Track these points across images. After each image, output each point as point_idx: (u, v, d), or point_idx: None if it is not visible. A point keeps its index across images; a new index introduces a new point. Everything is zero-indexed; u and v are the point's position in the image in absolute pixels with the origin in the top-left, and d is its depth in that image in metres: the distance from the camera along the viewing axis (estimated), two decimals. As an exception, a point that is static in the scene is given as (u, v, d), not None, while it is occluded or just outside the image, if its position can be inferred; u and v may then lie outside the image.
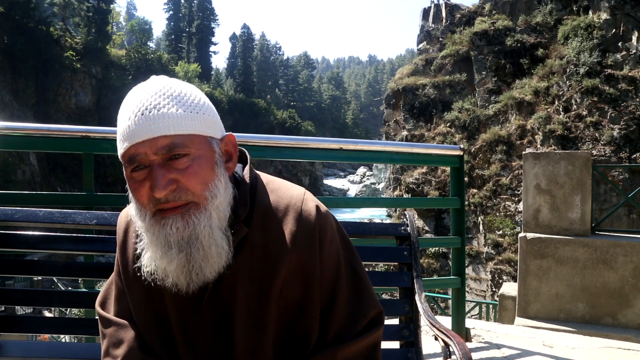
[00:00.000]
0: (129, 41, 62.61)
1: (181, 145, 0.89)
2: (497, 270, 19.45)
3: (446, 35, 27.38)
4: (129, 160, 0.90)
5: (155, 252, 0.93)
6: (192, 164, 0.90)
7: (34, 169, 32.21)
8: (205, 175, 0.91)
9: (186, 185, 0.90)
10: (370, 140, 3.45)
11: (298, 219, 1.00)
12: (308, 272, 1.00)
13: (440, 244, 8.06)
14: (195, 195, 0.90)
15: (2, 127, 2.18)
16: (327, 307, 1.01)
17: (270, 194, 1.03)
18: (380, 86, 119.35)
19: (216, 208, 0.92)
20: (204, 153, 0.92)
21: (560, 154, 4.30)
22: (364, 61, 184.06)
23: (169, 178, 0.89)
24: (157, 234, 0.92)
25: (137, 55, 44.02)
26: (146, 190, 0.90)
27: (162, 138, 0.88)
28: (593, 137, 18.77)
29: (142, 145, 0.88)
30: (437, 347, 2.52)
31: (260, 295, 0.98)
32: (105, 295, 1.13)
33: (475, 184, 21.96)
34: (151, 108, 0.89)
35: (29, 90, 35.23)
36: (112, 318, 1.07)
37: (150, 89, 0.93)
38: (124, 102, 0.94)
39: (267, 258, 0.98)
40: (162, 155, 0.89)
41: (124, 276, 1.06)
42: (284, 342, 1.00)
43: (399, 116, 27.46)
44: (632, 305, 3.90)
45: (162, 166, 0.89)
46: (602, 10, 20.77)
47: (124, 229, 1.09)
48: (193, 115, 0.92)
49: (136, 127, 0.89)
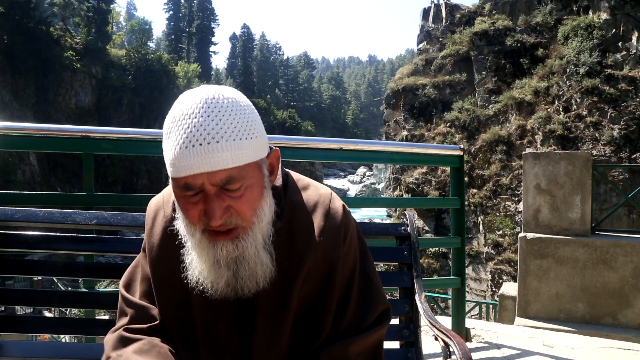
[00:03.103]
0: (129, 41, 62.54)
1: (238, 178, 0.91)
2: (497, 270, 19.45)
3: (446, 35, 27.38)
4: (184, 186, 0.91)
5: (203, 267, 0.98)
6: (245, 193, 0.93)
7: (34, 169, 32.21)
8: (255, 201, 0.94)
9: (238, 212, 0.93)
10: (370, 140, 3.46)
11: (326, 216, 1.06)
12: (331, 267, 1.05)
13: (440, 244, 8.07)
14: (245, 221, 0.94)
15: (2, 127, 2.18)
16: (342, 301, 1.06)
17: (300, 191, 1.09)
18: (380, 86, 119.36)
19: (261, 229, 0.97)
20: (255, 180, 0.94)
21: (560, 154, 4.30)
22: (364, 61, 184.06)
23: (224, 207, 0.91)
24: (206, 251, 0.96)
25: (137, 55, 43.95)
26: (198, 212, 0.92)
27: (220, 172, 0.89)
28: (593, 137, 18.77)
29: (200, 176, 0.89)
30: (437, 347, 2.52)
31: (285, 286, 1.03)
32: (130, 278, 1.16)
33: (475, 184, 21.96)
34: (210, 139, 0.87)
35: (29, 90, 35.23)
36: (135, 300, 1.10)
37: (206, 108, 0.89)
38: (175, 115, 0.91)
39: (294, 250, 1.03)
40: (217, 187, 0.91)
41: (150, 259, 1.09)
42: (297, 331, 1.05)
43: (399, 116, 27.46)
44: (632, 305, 3.90)
45: (217, 195, 0.91)
46: (602, 10, 20.77)
47: (152, 215, 1.12)
48: (248, 142, 0.91)
49: (195, 159, 0.87)
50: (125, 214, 1.49)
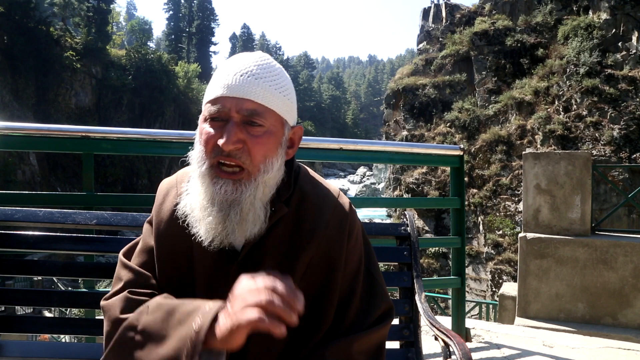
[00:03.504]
0: (129, 41, 62.53)
1: (261, 115, 0.98)
2: (497, 270, 19.46)
3: (446, 35, 27.38)
4: (214, 106, 0.99)
5: (196, 200, 1.01)
6: (263, 136, 0.98)
7: (34, 169, 32.21)
8: (268, 149, 0.99)
9: (250, 151, 0.98)
10: (370, 140, 3.46)
11: (333, 208, 1.09)
12: (333, 259, 1.06)
13: (440, 244, 8.07)
14: (252, 164, 0.98)
15: (2, 127, 2.18)
16: (346, 298, 1.08)
17: (310, 182, 1.13)
18: (380, 86, 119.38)
19: (264, 182, 1.00)
20: (275, 130, 1.01)
21: (560, 154, 4.30)
22: (364, 61, 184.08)
23: (239, 137, 0.97)
24: (205, 186, 1.00)
25: (137, 55, 43.93)
26: (214, 140, 0.98)
27: (248, 101, 0.98)
28: (593, 137, 18.77)
29: (231, 100, 0.98)
30: (437, 347, 2.52)
31: (286, 271, 1.03)
32: (130, 248, 1.17)
33: (475, 184, 21.96)
34: (250, 74, 0.99)
35: (29, 90, 35.23)
36: (136, 267, 1.10)
37: (254, 58, 1.03)
38: (227, 61, 1.04)
39: (298, 237, 1.06)
40: (242, 115, 0.97)
41: (157, 233, 1.10)
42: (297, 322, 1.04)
43: (399, 116, 27.47)
44: (632, 305, 3.90)
45: (238, 125, 0.97)
46: (602, 10, 20.77)
47: (164, 192, 1.15)
48: (280, 95, 1.02)
49: (232, 83, 0.98)
50: (125, 214, 1.49)
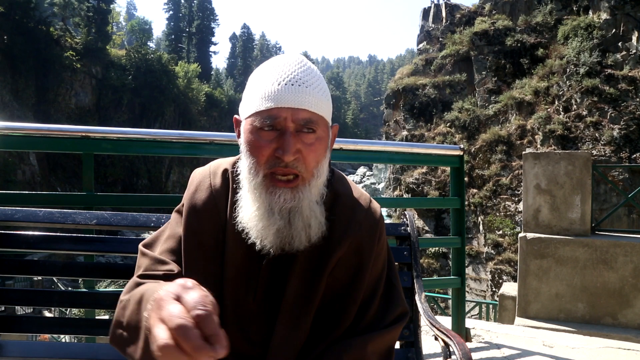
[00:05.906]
0: (129, 41, 62.51)
1: (315, 123, 0.99)
2: (497, 270, 19.46)
3: (446, 35, 27.38)
4: (267, 117, 0.98)
5: (255, 213, 1.00)
6: (315, 142, 1.00)
7: (34, 169, 32.21)
8: (319, 154, 1.01)
9: (305, 159, 0.99)
10: (370, 140, 3.45)
11: (366, 211, 1.12)
12: (362, 260, 1.08)
13: (440, 244, 8.07)
14: (307, 171, 1.00)
15: (2, 127, 2.18)
16: (368, 299, 1.09)
17: (343, 184, 1.15)
18: (380, 86, 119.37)
19: (317, 185, 1.02)
20: (324, 135, 1.03)
21: (560, 154, 4.30)
22: (364, 61, 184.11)
23: (297, 147, 0.98)
24: (262, 197, 1.00)
25: (137, 55, 43.92)
26: (269, 151, 0.98)
27: (304, 111, 0.98)
28: (593, 137, 18.77)
29: (286, 111, 0.97)
30: (437, 347, 2.53)
31: (317, 269, 1.05)
32: (152, 239, 1.14)
33: (475, 184, 21.96)
34: (301, 82, 0.99)
35: (29, 90, 35.22)
36: (153, 254, 1.08)
37: (296, 63, 1.02)
38: (266, 66, 1.03)
39: (330, 236, 1.06)
40: (297, 125, 0.98)
41: (187, 222, 1.08)
42: (320, 318, 1.07)
43: (399, 116, 27.47)
44: (632, 305, 3.90)
45: (294, 135, 0.98)
46: (602, 10, 20.77)
47: (198, 181, 1.13)
48: (327, 101, 1.04)
49: (287, 93, 0.98)
50: (125, 214, 1.49)
